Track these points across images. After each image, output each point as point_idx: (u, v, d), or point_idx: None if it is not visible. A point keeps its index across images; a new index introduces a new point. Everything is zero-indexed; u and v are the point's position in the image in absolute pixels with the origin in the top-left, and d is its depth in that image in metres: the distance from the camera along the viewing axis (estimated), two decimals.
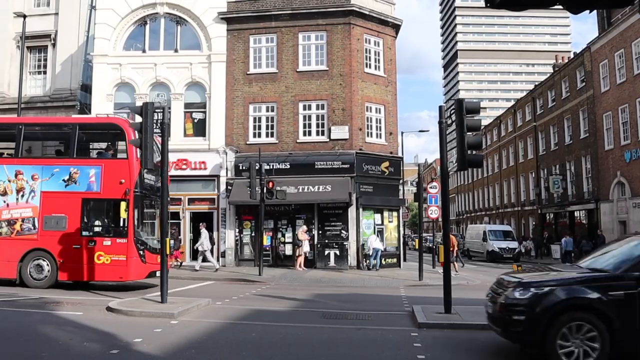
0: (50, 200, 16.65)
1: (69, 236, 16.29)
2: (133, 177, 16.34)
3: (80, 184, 16.64)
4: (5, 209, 16.78)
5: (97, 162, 17.16)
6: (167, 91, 27.27)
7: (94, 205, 16.88)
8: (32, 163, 17.51)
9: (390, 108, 27.61)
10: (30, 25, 27.92)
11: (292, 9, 26.75)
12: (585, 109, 38.01)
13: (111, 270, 16.00)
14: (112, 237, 16.25)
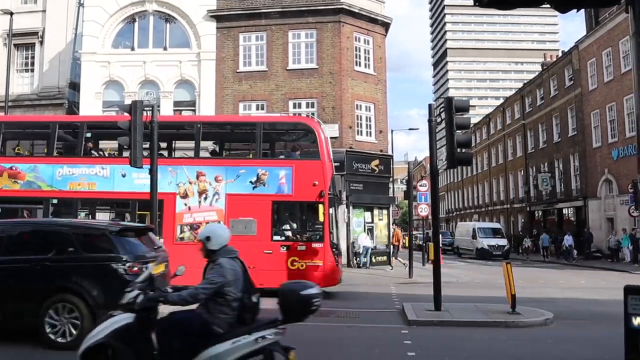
0: (236, 203, 15.65)
1: (259, 241, 15.17)
2: (327, 179, 15.55)
3: (269, 185, 15.68)
4: (187, 212, 15.65)
5: (287, 163, 16.16)
6: (156, 89, 27.16)
7: (285, 208, 16.17)
8: (215, 164, 16.50)
9: (380, 106, 27.66)
10: (18, 22, 27.69)
11: (281, 7, 26.73)
12: (574, 107, 38.25)
13: (306, 276, 14.82)
14: (306, 242, 15.41)
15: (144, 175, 15.45)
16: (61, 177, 16.31)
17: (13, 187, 16.29)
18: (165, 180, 15.50)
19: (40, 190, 16.25)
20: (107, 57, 27.38)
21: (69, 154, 17.42)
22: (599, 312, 13.29)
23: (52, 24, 29.52)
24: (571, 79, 38.81)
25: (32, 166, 16.51)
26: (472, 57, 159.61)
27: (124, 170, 15.80)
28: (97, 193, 16.23)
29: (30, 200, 16.49)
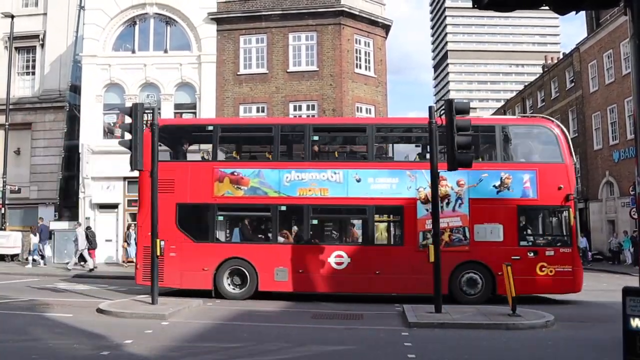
0: (478, 208, 15.09)
1: (505, 247, 14.73)
2: (572, 182, 15.18)
3: (513, 190, 15.07)
4: (429, 218, 14.43)
5: (530, 167, 15.44)
6: (157, 92, 27.17)
7: (530, 212, 15.63)
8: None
9: (381, 108, 27.65)
10: (19, 25, 27.80)
11: (282, 10, 26.76)
12: (575, 109, 38.25)
13: (555, 282, 14.61)
14: (554, 247, 14.92)
15: (381, 180, 15.37)
16: (289, 183, 15.54)
17: (236, 193, 15.57)
18: (404, 185, 15.27)
19: (267, 197, 15.56)
20: (107, 59, 27.38)
21: (297, 158, 16.76)
22: (600, 314, 13.29)
23: (53, 26, 29.59)
24: (572, 81, 38.82)
25: (256, 171, 15.71)
26: (473, 59, 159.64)
27: (358, 175, 15.42)
28: (330, 199, 15.50)
29: (256, 208, 15.90)
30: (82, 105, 27.44)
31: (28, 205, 28.39)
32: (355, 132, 17.39)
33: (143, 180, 15.50)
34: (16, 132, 28.36)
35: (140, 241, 15.85)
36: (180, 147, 17.20)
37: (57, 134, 28.79)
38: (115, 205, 26.66)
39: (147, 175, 14.09)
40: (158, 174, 13.66)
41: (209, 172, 15.82)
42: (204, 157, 17.89)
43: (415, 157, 16.64)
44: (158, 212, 13.43)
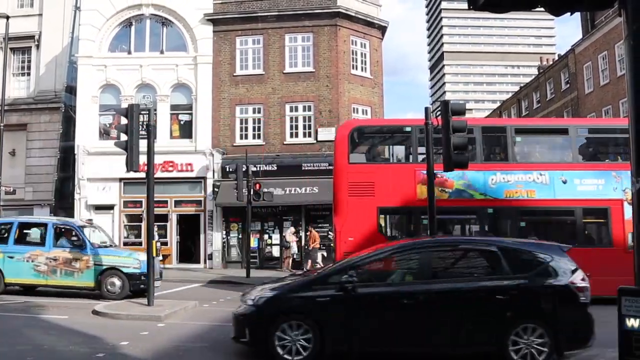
0: None
1: None
2: None
3: None
4: None
5: None
6: (153, 93, 27.14)
7: None
8: None
9: (377, 110, 27.68)
10: (14, 26, 27.64)
11: (278, 11, 26.76)
12: (570, 110, 38.33)
13: None
14: None
15: (587, 181, 15.15)
16: (495, 185, 15.32)
17: (441, 196, 14.89)
18: (609, 186, 15.05)
19: (473, 200, 15.30)
20: (103, 60, 27.35)
21: (501, 159, 16.39)
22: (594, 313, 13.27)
23: (49, 27, 29.50)
24: (567, 82, 38.92)
25: (460, 173, 14.99)
26: (469, 61, 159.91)
27: (564, 177, 15.25)
28: (537, 201, 15.26)
29: (462, 210, 15.65)
30: (78, 106, 27.39)
31: (23, 206, 28.26)
32: (556, 134, 17.15)
33: (340, 184, 15.29)
34: (11, 133, 28.25)
35: (340, 247, 15.14)
36: (377, 148, 16.84)
37: (53, 135, 28.70)
38: (111, 206, 26.62)
39: (344, 179, 14.15)
40: (356, 176, 13.49)
41: (410, 175, 15.35)
42: (399, 159, 17.22)
43: (617, 158, 16.36)
44: (358, 217, 13.39)
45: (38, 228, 16.30)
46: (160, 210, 25.05)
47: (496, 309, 7.90)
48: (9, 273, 15.04)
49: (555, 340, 7.74)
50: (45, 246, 15.16)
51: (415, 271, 8.66)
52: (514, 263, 8.27)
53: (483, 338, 7.94)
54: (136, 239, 26.50)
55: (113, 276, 14.74)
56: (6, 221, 16.55)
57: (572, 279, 8.07)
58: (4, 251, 15.17)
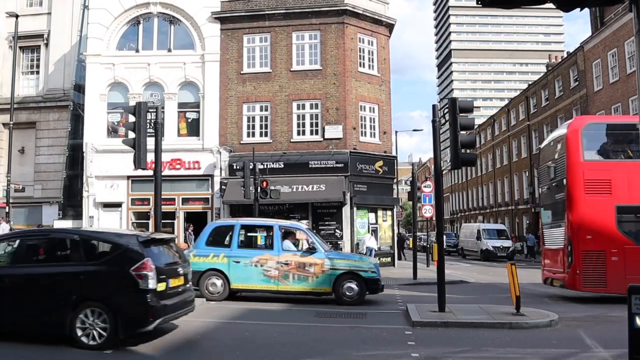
0: None
1: None
2: None
3: None
4: None
5: None
6: (160, 91, 27.19)
7: None
8: None
9: (384, 107, 27.63)
10: (23, 25, 27.81)
11: (285, 9, 26.72)
12: (579, 108, 38.14)
13: None
14: None
15: None
16: None
17: None
18: None
19: None
20: (111, 59, 27.41)
21: None
22: (605, 312, 13.24)
23: (57, 26, 29.65)
24: (576, 79, 38.72)
25: None
26: (477, 58, 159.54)
27: None
28: None
29: None
30: (86, 105, 27.47)
31: (32, 204, 28.46)
32: None
33: (574, 182, 14.97)
34: (20, 131, 28.45)
35: (578, 245, 14.74)
36: (612, 145, 16.22)
37: (61, 132, 28.83)
38: (119, 204, 26.71)
39: (578, 176, 14.23)
40: (592, 174, 13.67)
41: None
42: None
43: None
44: (594, 215, 13.51)
45: (262, 230, 15.88)
46: (168, 207, 25.13)
47: (63, 292, 8.62)
48: (235, 279, 14.44)
49: (115, 321, 8.40)
50: (273, 250, 14.54)
51: (11, 257, 9.37)
52: (90, 251, 9.15)
53: (53, 318, 8.61)
54: None
55: (351, 281, 14.18)
56: (227, 224, 15.95)
57: (135, 267, 8.53)
58: (228, 255, 14.56)
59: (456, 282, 21.02)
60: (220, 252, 14.61)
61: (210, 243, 14.90)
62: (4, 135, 28.48)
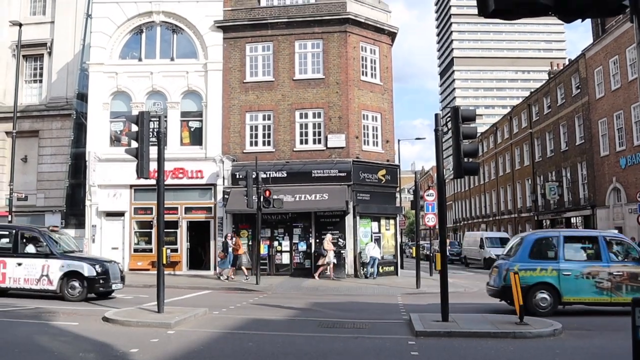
0: None
1: None
2: None
3: None
4: None
5: None
6: (163, 100, 27.25)
7: None
8: None
9: (387, 116, 27.64)
10: (26, 33, 27.95)
11: (288, 17, 26.78)
12: (581, 115, 38.14)
13: None
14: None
15: None
16: None
17: None
18: None
19: None
20: (114, 67, 27.48)
21: None
22: (608, 322, 13.18)
23: (61, 35, 29.77)
24: (578, 87, 38.71)
25: None
26: (479, 66, 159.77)
27: None
28: None
29: None
30: (89, 113, 27.54)
31: (35, 212, 28.47)
32: None
33: None
34: (23, 139, 28.52)
35: None
36: None
37: (64, 141, 28.91)
38: (121, 213, 26.73)
39: None
40: None
41: None
42: None
43: None
44: None
45: (586, 241, 15.23)
46: (171, 217, 25.13)
47: None
48: (567, 292, 13.97)
49: None
50: (602, 261, 14.07)
51: None
52: None
53: None
54: (146, 246, 26.58)
55: None
56: (549, 235, 15.48)
57: None
58: (557, 268, 14.08)
59: (459, 291, 20.96)
60: (548, 265, 14.19)
61: (533, 256, 14.43)
62: (7, 143, 28.57)
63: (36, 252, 16.30)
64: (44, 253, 16.16)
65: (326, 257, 24.10)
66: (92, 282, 15.91)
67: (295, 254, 25.90)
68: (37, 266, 15.96)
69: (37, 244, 16.49)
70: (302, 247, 25.81)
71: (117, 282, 16.87)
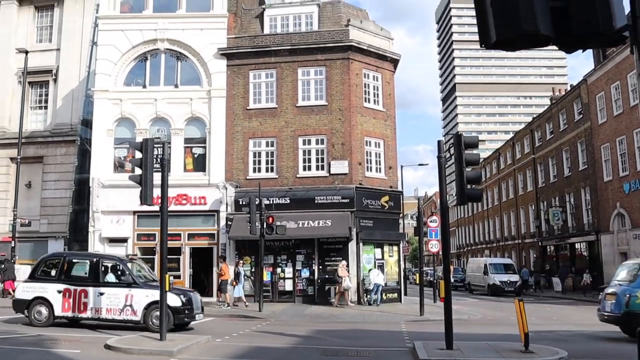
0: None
1: None
2: None
3: None
4: None
5: None
6: (167, 126, 27.38)
7: None
8: None
9: (390, 142, 27.70)
10: (32, 60, 28.29)
11: (291, 45, 27.02)
12: (584, 140, 38.20)
13: None
14: None
15: None
16: None
17: None
18: None
19: None
20: (119, 94, 27.67)
21: None
22: (614, 349, 13.05)
23: (66, 62, 30.11)
24: (580, 112, 38.84)
25: None
26: (481, 92, 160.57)
27: None
28: None
29: None
30: (93, 139, 27.65)
31: (38, 238, 28.50)
32: None
33: None
34: (28, 165, 28.68)
35: None
36: None
37: (68, 167, 29.04)
38: (124, 239, 26.69)
39: None
40: None
41: None
42: None
43: None
44: None
45: None
46: (174, 243, 25.10)
47: None
48: None
49: None
50: None
51: None
52: None
53: None
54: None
55: None
56: None
57: None
58: None
59: (464, 318, 20.79)
60: None
61: None
62: (12, 169, 28.71)
63: (119, 281, 15.85)
64: (127, 282, 15.70)
65: (342, 283, 23.95)
66: (177, 312, 15.36)
67: (299, 281, 25.76)
68: (120, 296, 15.48)
69: (118, 272, 16.06)
70: (305, 274, 25.68)
71: (199, 313, 16.51)
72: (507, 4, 3.86)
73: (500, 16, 3.94)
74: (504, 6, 3.88)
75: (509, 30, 3.93)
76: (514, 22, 3.85)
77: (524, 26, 3.85)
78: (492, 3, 3.99)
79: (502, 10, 3.92)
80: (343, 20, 27.76)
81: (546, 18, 3.89)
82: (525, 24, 3.84)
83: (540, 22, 3.87)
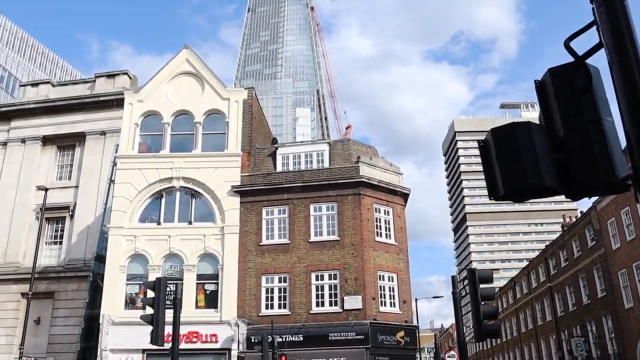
0: None
1: None
2: None
3: None
4: None
5: None
6: (180, 262, 27.45)
7: None
8: None
9: (403, 276, 27.50)
10: (51, 197, 28.93)
11: (303, 182, 27.66)
12: (599, 267, 37.65)
13: None
14: None
15: None
16: None
17: None
18: None
19: None
20: (133, 231, 28.04)
21: None
22: None
23: (83, 199, 30.81)
24: (593, 239, 38.62)
25: None
26: (492, 221, 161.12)
27: None
28: None
29: None
30: (106, 275, 27.63)
31: None
32: None
33: None
34: (38, 301, 28.44)
35: None
36: None
37: (79, 303, 28.74)
38: None
39: None
40: None
41: None
42: None
43: None
44: None
45: None
46: None
47: None
48: None
49: None
50: None
51: None
52: None
53: None
54: None
55: None
56: None
57: None
58: None
59: None
60: None
61: None
62: (22, 305, 28.48)
63: None
64: None
65: None
66: None
67: None
68: None
69: None
70: None
71: None
72: (512, 160, 4.08)
73: (507, 171, 4.15)
74: (510, 161, 4.10)
75: (516, 183, 4.12)
76: (519, 176, 4.05)
77: (529, 180, 4.04)
78: (498, 159, 4.22)
79: (508, 166, 4.13)
80: (353, 157, 28.63)
81: (550, 170, 4.08)
82: (530, 177, 4.04)
83: (545, 175, 4.06)
